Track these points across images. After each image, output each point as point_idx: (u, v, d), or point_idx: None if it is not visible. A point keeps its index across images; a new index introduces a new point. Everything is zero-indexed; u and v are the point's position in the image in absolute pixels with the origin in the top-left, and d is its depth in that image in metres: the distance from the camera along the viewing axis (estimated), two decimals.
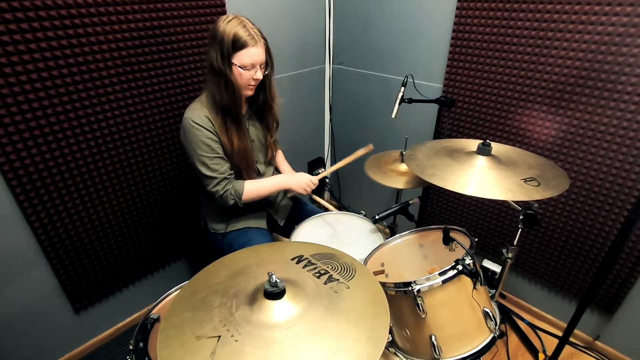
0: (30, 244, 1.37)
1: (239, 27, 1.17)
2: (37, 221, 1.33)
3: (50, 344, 1.56)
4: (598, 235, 1.50)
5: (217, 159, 1.30)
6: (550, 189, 0.94)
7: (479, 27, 1.55)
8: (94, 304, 1.65)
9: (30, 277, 1.41)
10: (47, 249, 1.39)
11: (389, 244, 1.17)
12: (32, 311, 1.46)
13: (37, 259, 1.41)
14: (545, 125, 1.50)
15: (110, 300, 1.71)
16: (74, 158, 1.36)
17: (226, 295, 0.66)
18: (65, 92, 1.27)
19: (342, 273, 0.72)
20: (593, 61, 1.32)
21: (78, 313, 1.61)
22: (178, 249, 1.86)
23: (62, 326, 1.58)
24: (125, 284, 1.72)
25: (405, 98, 1.53)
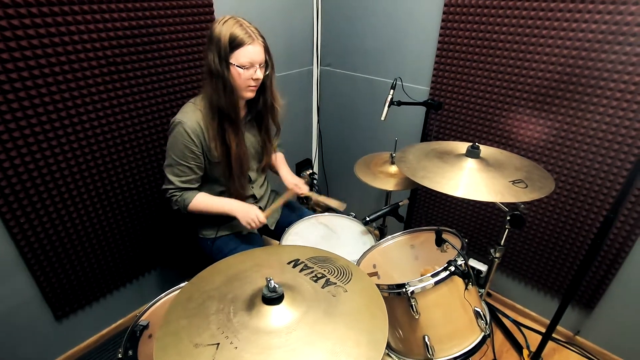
0: (9, 251, 1.32)
1: (236, 26, 1.16)
2: (16, 227, 1.28)
3: (31, 353, 1.50)
4: (579, 234, 1.55)
5: (184, 167, 1.28)
6: (537, 190, 0.97)
7: (465, 30, 1.59)
8: (76, 312, 1.60)
9: (9, 285, 1.36)
10: (27, 256, 1.34)
11: (380, 245, 1.18)
12: (12, 320, 1.40)
13: (17, 266, 1.36)
14: (530, 128, 1.54)
15: (93, 307, 1.66)
16: (55, 161, 1.32)
17: (223, 301, 0.65)
18: (47, 93, 1.23)
19: (338, 276, 0.73)
20: (574, 66, 1.37)
21: (60, 321, 1.56)
22: (164, 254, 1.83)
23: (44, 335, 1.52)
24: (109, 290, 1.68)
25: (394, 101, 1.55)
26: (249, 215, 1.32)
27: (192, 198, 1.31)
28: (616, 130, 1.34)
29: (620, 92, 1.30)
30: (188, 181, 1.30)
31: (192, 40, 1.57)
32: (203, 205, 1.33)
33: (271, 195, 1.62)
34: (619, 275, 1.51)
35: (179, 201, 1.30)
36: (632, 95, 1.28)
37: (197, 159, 1.28)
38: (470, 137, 1.75)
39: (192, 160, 1.27)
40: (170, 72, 1.55)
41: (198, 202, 1.31)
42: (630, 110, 1.30)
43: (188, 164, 1.27)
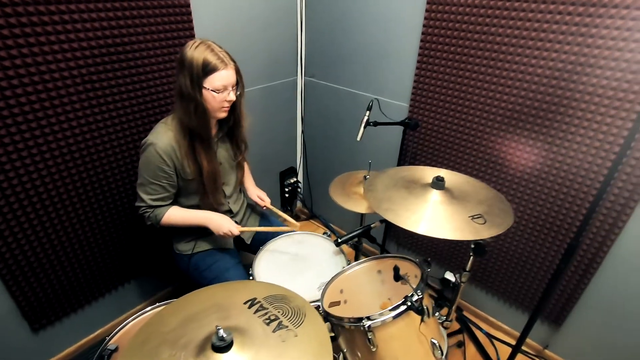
0: None
1: (207, 51, 1.18)
2: None
3: None
4: (547, 255, 1.60)
5: (156, 186, 1.30)
6: (495, 227, 1.00)
7: (443, 52, 1.60)
8: (53, 323, 1.62)
9: None
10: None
11: (347, 271, 1.21)
12: None
13: None
14: (504, 150, 1.57)
15: (71, 318, 1.68)
16: (27, 172, 1.31)
17: (175, 346, 0.68)
18: (17, 104, 1.23)
19: (292, 319, 0.75)
20: (544, 93, 1.39)
21: (37, 333, 1.58)
22: (142, 265, 1.84)
23: (21, 347, 1.54)
24: (87, 300, 1.70)
25: (371, 121, 1.56)
26: (222, 227, 1.36)
27: (164, 213, 1.33)
28: (583, 157, 1.38)
29: (587, 121, 1.33)
30: (160, 199, 1.32)
31: (170, 56, 1.57)
32: (175, 219, 1.36)
33: (247, 209, 1.64)
34: (587, 293, 1.56)
35: (151, 217, 1.33)
36: (598, 125, 1.31)
37: (169, 178, 1.30)
38: (445, 159, 1.78)
39: (164, 180, 1.29)
40: (149, 88, 1.55)
41: (170, 216, 1.34)
42: (596, 139, 1.33)
43: (160, 183, 1.29)
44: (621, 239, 1.39)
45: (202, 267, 1.44)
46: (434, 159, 1.84)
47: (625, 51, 1.18)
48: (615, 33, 1.19)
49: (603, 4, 1.19)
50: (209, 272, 1.41)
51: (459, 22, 1.51)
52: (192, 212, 1.40)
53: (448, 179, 1.21)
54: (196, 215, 1.39)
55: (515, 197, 1.61)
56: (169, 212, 1.34)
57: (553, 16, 1.29)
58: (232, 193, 1.51)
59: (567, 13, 1.26)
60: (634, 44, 1.16)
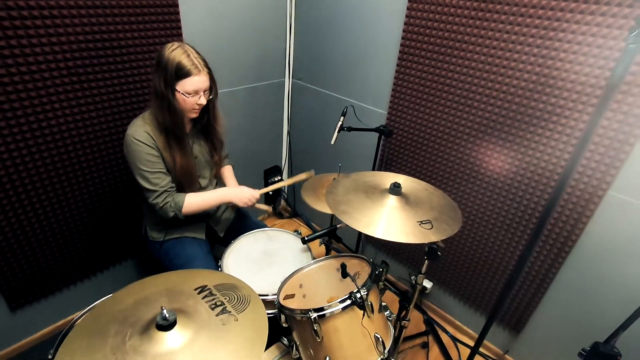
0: None
1: (183, 56, 1.24)
2: None
3: None
4: (501, 261, 1.68)
5: (158, 174, 1.36)
6: (440, 232, 1.07)
7: (421, 57, 1.66)
8: (31, 303, 1.68)
9: None
10: None
11: (306, 268, 1.28)
12: None
13: None
14: (470, 160, 1.64)
15: (49, 300, 1.74)
16: (10, 157, 1.38)
17: (124, 323, 0.75)
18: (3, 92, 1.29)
19: (236, 305, 0.82)
20: (513, 103, 1.46)
21: (14, 312, 1.64)
22: (123, 251, 1.91)
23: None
24: (65, 284, 1.76)
25: (345, 126, 1.63)
26: (245, 195, 1.49)
27: (184, 200, 1.38)
28: (543, 171, 1.45)
29: (549, 131, 1.40)
30: (167, 184, 1.37)
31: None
32: (197, 203, 1.42)
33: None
34: (545, 300, 1.63)
35: (173, 206, 1.36)
36: (559, 135, 1.37)
37: (162, 162, 1.36)
38: (416, 167, 1.86)
39: (160, 165, 1.35)
40: (134, 83, 1.62)
41: (190, 201, 1.39)
42: (557, 148, 1.39)
43: (159, 170, 1.35)
44: (578, 247, 1.45)
45: (171, 254, 1.50)
46: (405, 166, 1.91)
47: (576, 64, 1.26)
48: (566, 46, 1.26)
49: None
50: (178, 259, 1.48)
51: (437, 36, 1.58)
52: (210, 193, 1.48)
53: (408, 186, 1.28)
54: (216, 195, 1.48)
55: (479, 205, 1.68)
56: (187, 198, 1.39)
57: (523, 28, 1.36)
58: (207, 185, 1.58)
59: (535, 25, 1.33)
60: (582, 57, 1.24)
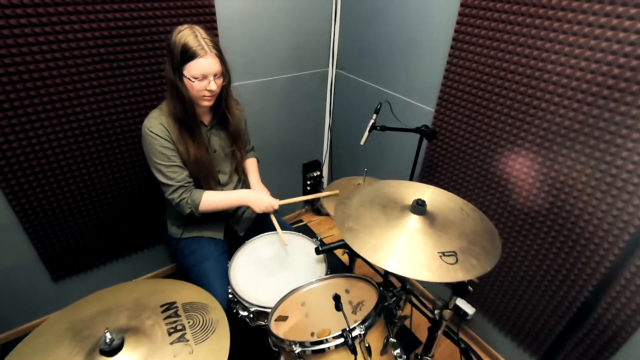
0: (8, 215, 1.49)
1: (190, 37, 1.15)
2: (11, 194, 1.43)
3: (29, 306, 1.73)
4: (564, 300, 1.35)
5: (174, 167, 1.31)
6: (465, 270, 0.85)
7: (479, 47, 1.39)
8: (71, 276, 1.80)
9: (9, 245, 1.55)
10: (22, 221, 1.51)
11: (309, 286, 1.14)
12: (13, 276, 1.62)
13: (16, 230, 1.54)
14: (528, 175, 1.34)
15: (88, 274, 1.85)
16: (57, 138, 1.43)
17: (77, 336, 0.69)
18: (46, 69, 1.33)
19: (197, 332, 0.72)
20: (594, 106, 1.14)
21: (57, 282, 1.77)
22: (156, 235, 1.95)
23: (41, 292, 1.74)
24: (102, 261, 1.84)
25: (378, 125, 1.44)
26: (263, 202, 1.40)
27: (201, 197, 1.33)
28: (618, 192, 1.12)
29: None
30: (183, 179, 1.32)
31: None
32: (214, 202, 1.36)
33: None
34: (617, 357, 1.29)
35: (190, 202, 1.32)
36: None
37: (178, 156, 1.30)
38: (456, 179, 1.59)
39: (175, 158, 1.30)
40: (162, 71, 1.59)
41: (207, 200, 1.34)
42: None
43: (175, 163, 1.30)
44: None
45: (186, 252, 1.47)
46: (446, 176, 1.66)
47: None
48: None
49: None
50: (191, 257, 1.44)
51: (495, 21, 1.30)
52: (229, 194, 1.42)
53: (439, 203, 1.07)
54: (235, 196, 1.41)
55: (531, 232, 1.38)
56: (205, 195, 1.34)
57: (600, 17, 1.04)
58: (227, 182, 1.51)
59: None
60: None
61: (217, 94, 1.29)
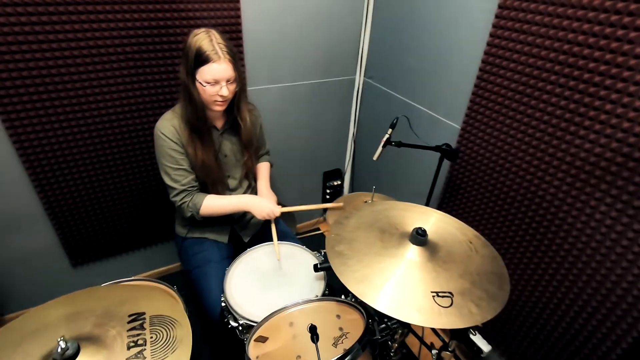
0: (33, 202, 1.57)
1: (205, 41, 1.15)
2: (36, 180, 1.51)
3: (47, 289, 1.81)
4: (598, 349, 1.19)
5: (181, 170, 1.31)
6: (460, 316, 0.75)
7: (507, 70, 1.27)
8: (88, 263, 1.87)
9: (32, 230, 1.64)
10: (45, 207, 1.59)
11: (298, 306, 1.07)
12: (35, 259, 1.71)
13: (41, 216, 1.62)
14: (555, 212, 1.19)
15: (104, 263, 1.92)
16: (80, 131, 1.49)
17: (39, 340, 0.68)
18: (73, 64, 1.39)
19: (158, 349, 0.69)
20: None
21: (75, 268, 1.85)
22: (171, 231, 1.97)
23: (60, 276, 1.82)
24: (118, 252, 1.91)
25: (392, 141, 1.35)
26: (264, 209, 1.37)
27: (202, 201, 1.33)
28: None
29: None
30: (188, 183, 1.32)
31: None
32: (215, 207, 1.35)
33: None
34: None
35: (191, 206, 1.32)
36: None
37: (186, 159, 1.31)
38: (479, 207, 1.45)
39: (183, 162, 1.30)
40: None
41: (208, 204, 1.33)
42: None
43: (181, 167, 1.30)
44: None
45: (190, 252, 1.47)
46: (463, 203, 1.52)
47: None
48: None
49: None
50: (193, 259, 1.43)
51: (532, 35, 1.17)
52: (230, 198, 1.41)
53: (446, 233, 0.97)
54: (236, 202, 1.40)
55: (558, 272, 1.22)
56: (207, 200, 1.34)
57: None
58: (236, 187, 1.49)
59: None
60: None
61: (230, 100, 1.28)
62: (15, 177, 1.49)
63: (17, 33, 1.26)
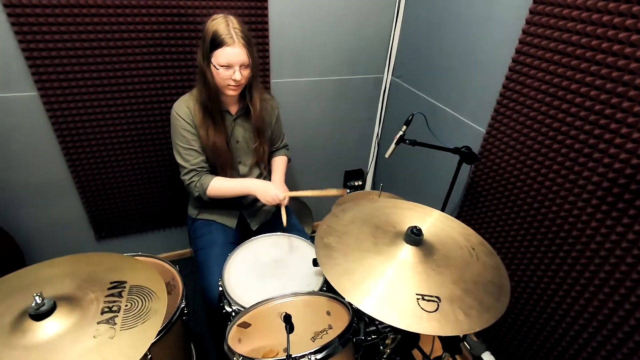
0: (66, 178, 1.69)
1: (221, 25, 1.17)
2: (67, 155, 1.61)
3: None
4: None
5: (191, 150, 1.35)
6: (443, 322, 0.68)
7: (538, 70, 1.18)
8: (112, 238, 1.97)
9: (64, 203, 1.76)
10: (75, 181, 1.69)
11: (286, 298, 1.05)
12: (63, 230, 1.82)
13: (71, 190, 1.73)
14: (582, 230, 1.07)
15: (127, 239, 2.01)
16: (109, 111, 1.57)
17: (23, 295, 0.71)
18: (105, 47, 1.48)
19: (130, 317, 0.69)
20: None
21: (99, 241, 1.95)
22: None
23: (85, 248, 1.92)
24: (142, 229, 1.99)
25: (407, 139, 1.29)
26: (268, 193, 1.36)
27: (209, 182, 1.35)
28: None
29: None
30: (197, 163, 1.36)
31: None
32: (221, 188, 1.37)
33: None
34: None
35: (198, 186, 1.35)
36: None
37: (198, 140, 1.34)
38: (500, 218, 1.34)
39: (194, 142, 1.34)
40: None
41: (215, 186, 1.36)
42: None
43: (192, 147, 1.34)
44: None
45: (197, 233, 1.49)
46: (485, 210, 1.42)
47: None
48: None
49: None
50: (199, 240, 1.46)
51: (567, 31, 1.07)
52: (236, 181, 1.43)
53: (447, 236, 0.90)
54: (242, 184, 1.41)
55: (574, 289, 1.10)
56: (214, 181, 1.36)
57: None
58: (247, 174, 1.49)
59: None
60: None
61: (244, 85, 1.29)
62: (49, 151, 1.60)
63: (49, 17, 1.35)
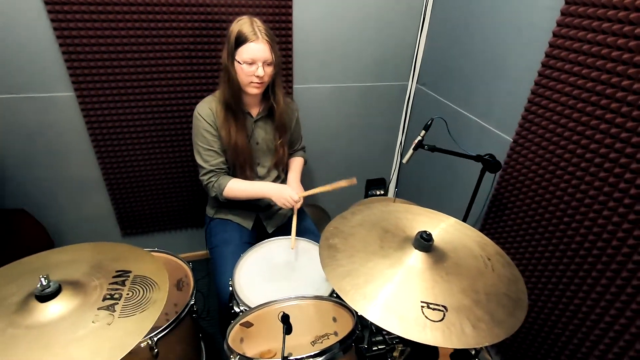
0: (97, 176, 1.78)
1: (246, 24, 1.21)
2: (98, 153, 1.70)
3: None
4: None
5: (211, 152, 1.37)
6: (447, 333, 0.63)
7: (569, 74, 1.11)
8: (136, 235, 2.04)
9: (94, 198, 1.85)
10: (104, 178, 1.78)
11: (291, 301, 1.02)
12: (91, 224, 1.91)
13: (101, 188, 1.82)
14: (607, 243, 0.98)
15: (150, 237, 2.07)
16: (139, 112, 1.64)
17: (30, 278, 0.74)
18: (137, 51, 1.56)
19: (129, 306, 0.70)
20: None
21: (125, 237, 2.03)
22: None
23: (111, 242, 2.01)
24: (166, 228, 2.05)
25: (425, 144, 1.25)
26: (283, 195, 1.36)
27: (227, 183, 1.38)
28: None
29: None
30: (217, 164, 1.39)
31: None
32: (238, 190, 1.39)
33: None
34: None
35: (215, 186, 1.38)
36: None
37: (218, 142, 1.37)
38: (526, 231, 1.26)
39: (214, 143, 1.37)
40: None
41: (232, 188, 1.38)
42: None
43: (212, 148, 1.37)
44: None
45: (213, 232, 1.51)
46: (509, 222, 1.34)
47: None
48: None
49: None
50: (214, 238, 1.48)
51: (598, 32, 1.00)
52: (253, 184, 1.44)
53: (460, 243, 0.85)
54: (258, 187, 1.42)
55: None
56: (231, 183, 1.39)
57: None
58: (265, 175, 1.50)
59: None
60: None
61: (266, 83, 1.31)
62: (83, 150, 1.69)
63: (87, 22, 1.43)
